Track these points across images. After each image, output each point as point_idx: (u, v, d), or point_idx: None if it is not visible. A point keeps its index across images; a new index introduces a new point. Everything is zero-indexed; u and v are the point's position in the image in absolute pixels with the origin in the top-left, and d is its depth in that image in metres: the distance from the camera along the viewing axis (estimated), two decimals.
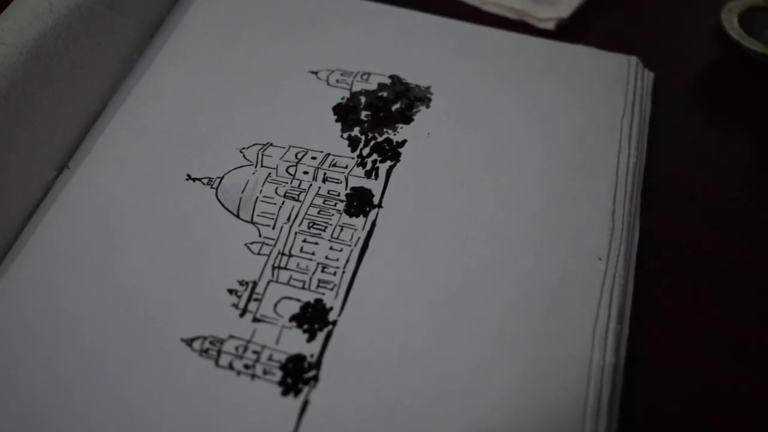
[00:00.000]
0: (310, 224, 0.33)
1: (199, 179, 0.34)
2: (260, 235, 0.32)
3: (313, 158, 0.35)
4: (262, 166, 0.35)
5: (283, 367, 0.29)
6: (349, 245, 0.32)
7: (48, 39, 0.34)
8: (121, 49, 0.38)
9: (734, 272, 0.31)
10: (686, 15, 0.44)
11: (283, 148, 0.35)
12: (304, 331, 0.30)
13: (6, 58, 0.33)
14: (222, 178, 0.34)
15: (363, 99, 0.37)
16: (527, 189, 0.33)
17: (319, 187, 0.34)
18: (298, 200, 0.33)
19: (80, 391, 0.28)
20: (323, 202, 0.33)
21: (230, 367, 0.29)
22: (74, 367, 0.29)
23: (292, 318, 0.30)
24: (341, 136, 0.36)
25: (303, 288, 0.31)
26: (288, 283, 0.31)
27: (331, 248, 0.32)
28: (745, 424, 0.28)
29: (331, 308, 0.30)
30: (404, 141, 0.35)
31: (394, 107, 0.37)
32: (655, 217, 0.34)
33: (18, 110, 0.33)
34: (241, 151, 0.35)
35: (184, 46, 0.40)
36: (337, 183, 0.34)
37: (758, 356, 0.30)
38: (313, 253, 0.32)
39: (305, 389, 0.28)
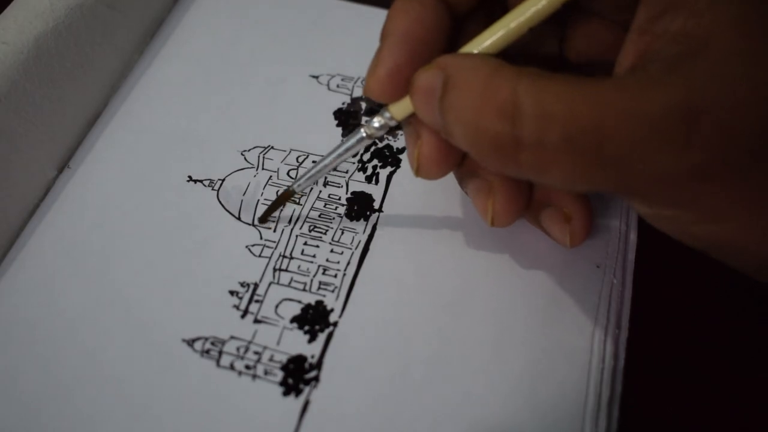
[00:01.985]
0: (311, 227, 0.33)
1: (201, 181, 0.34)
2: (261, 238, 0.33)
3: (314, 162, 0.35)
4: (263, 168, 0.35)
5: (284, 367, 0.29)
6: (350, 248, 0.32)
7: (49, 38, 0.34)
8: (121, 49, 0.38)
9: (734, 275, 0.32)
10: None
11: (284, 151, 0.35)
12: (305, 333, 0.30)
13: (7, 57, 0.33)
14: (223, 180, 0.34)
15: (364, 104, 0.37)
16: None
17: (320, 191, 0.34)
18: (299, 203, 0.34)
19: (81, 390, 0.28)
20: (324, 206, 0.34)
21: (231, 367, 0.29)
22: (75, 367, 0.29)
23: (293, 319, 0.30)
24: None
25: (304, 290, 0.31)
26: (289, 285, 0.31)
27: (331, 251, 0.32)
28: (745, 427, 0.29)
29: (332, 310, 0.30)
30: (404, 147, 0.36)
31: None
32: None
33: (19, 109, 0.33)
34: (242, 154, 0.35)
35: (184, 47, 0.40)
36: (338, 187, 0.34)
37: (760, 358, 0.30)
38: (314, 256, 0.32)
39: (306, 389, 0.28)
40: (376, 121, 0.27)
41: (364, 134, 0.28)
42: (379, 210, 0.33)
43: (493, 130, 0.22)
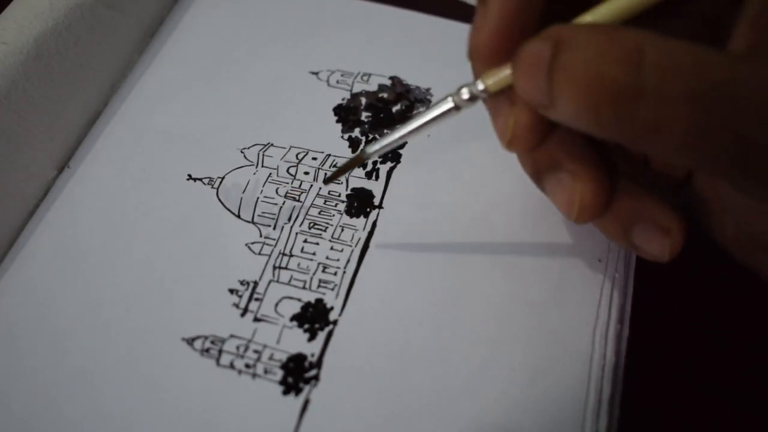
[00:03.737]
0: (311, 224, 0.33)
1: (200, 179, 0.34)
2: (261, 235, 0.32)
3: (314, 159, 0.35)
4: (262, 166, 0.35)
5: (284, 366, 0.29)
6: (350, 245, 0.32)
7: (48, 38, 0.34)
8: (121, 49, 0.38)
9: (736, 271, 0.32)
10: None
11: (284, 148, 0.35)
12: (305, 331, 0.30)
13: (6, 57, 0.33)
14: (223, 178, 0.34)
15: (363, 100, 0.37)
16: (527, 190, 0.33)
17: (320, 188, 0.34)
18: (298, 200, 0.34)
19: (81, 390, 0.28)
20: (324, 203, 0.33)
21: (231, 366, 0.29)
22: (75, 367, 0.29)
23: (293, 317, 0.30)
24: (342, 137, 0.36)
25: (304, 288, 0.31)
26: (289, 283, 0.31)
27: (331, 248, 0.32)
28: (746, 425, 0.28)
29: (332, 308, 0.30)
30: (404, 142, 0.35)
31: (395, 108, 0.37)
32: None
33: (18, 109, 0.33)
34: (241, 152, 0.35)
35: (184, 46, 0.40)
36: (338, 184, 0.34)
37: (762, 356, 0.30)
38: (313, 254, 0.32)
39: (306, 388, 0.28)
40: (466, 92, 0.26)
41: (453, 104, 0.26)
42: (380, 206, 0.33)
43: (613, 78, 0.21)
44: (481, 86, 0.25)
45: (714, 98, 0.20)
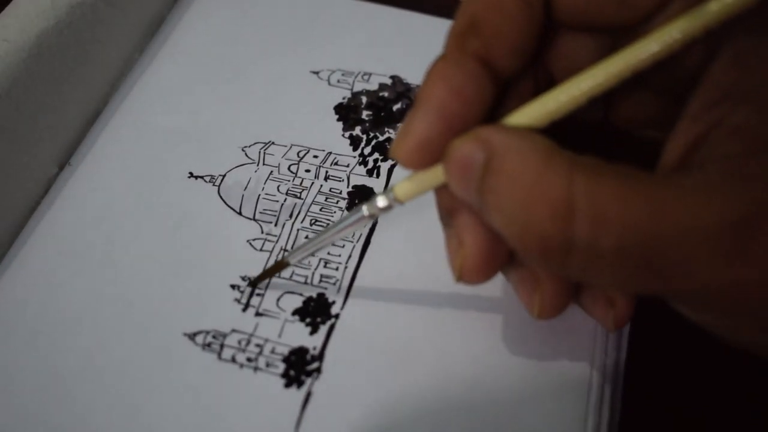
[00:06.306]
0: (312, 221, 0.33)
1: (201, 177, 0.34)
2: (262, 232, 0.33)
3: (315, 157, 0.35)
4: (264, 164, 0.35)
5: (286, 359, 0.29)
6: (351, 241, 0.32)
7: (50, 36, 0.34)
8: (122, 47, 0.39)
9: None
10: None
11: (285, 146, 0.35)
12: (307, 325, 0.30)
13: (8, 54, 0.33)
14: (224, 176, 0.34)
15: (364, 99, 0.37)
16: None
17: (321, 185, 0.34)
18: (300, 198, 0.34)
19: (83, 385, 0.28)
20: (325, 200, 0.34)
21: (233, 360, 0.29)
22: (76, 363, 0.29)
23: (295, 312, 0.30)
24: (343, 135, 0.36)
25: (305, 283, 0.31)
26: (290, 279, 0.31)
27: (333, 244, 0.32)
28: (748, 418, 0.28)
29: (333, 302, 0.30)
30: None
31: (395, 107, 0.37)
32: None
33: (20, 107, 0.33)
34: (243, 150, 0.35)
35: (185, 45, 0.40)
36: (339, 181, 0.34)
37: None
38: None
39: (308, 381, 0.28)
40: (381, 201, 0.25)
41: (366, 213, 0.25)
42: None
43: (542, 230, 0.20)
44: (392, 196, 0.25)
45: (641, 251, 0.19)
